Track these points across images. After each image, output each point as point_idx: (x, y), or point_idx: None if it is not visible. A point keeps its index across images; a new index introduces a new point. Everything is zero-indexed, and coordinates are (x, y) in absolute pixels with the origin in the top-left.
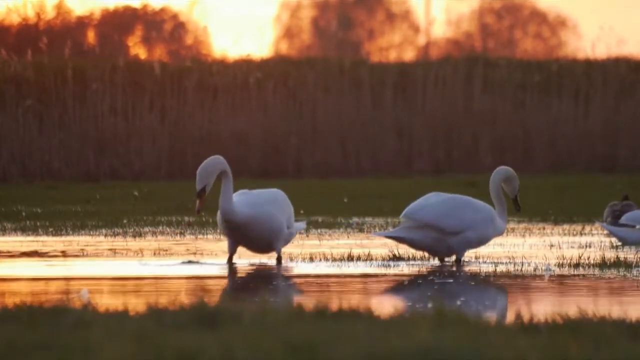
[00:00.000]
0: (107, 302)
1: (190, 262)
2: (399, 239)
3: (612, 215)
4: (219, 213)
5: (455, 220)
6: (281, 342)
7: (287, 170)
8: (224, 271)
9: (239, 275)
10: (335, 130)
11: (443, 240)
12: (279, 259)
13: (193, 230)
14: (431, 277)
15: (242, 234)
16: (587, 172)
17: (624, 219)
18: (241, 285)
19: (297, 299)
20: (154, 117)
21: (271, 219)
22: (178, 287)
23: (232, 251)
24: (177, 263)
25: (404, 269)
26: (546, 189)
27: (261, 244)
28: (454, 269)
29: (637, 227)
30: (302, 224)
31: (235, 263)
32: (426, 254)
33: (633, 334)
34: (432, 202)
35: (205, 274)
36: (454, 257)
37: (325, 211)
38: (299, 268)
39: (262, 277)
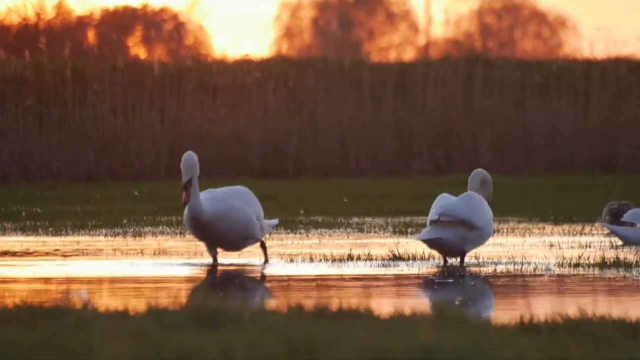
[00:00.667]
0: (99, 301)
1: (187, 263)
2: (434, 240)
3: (609, 214)
4: (185, 213)
5: (480, 216)
6: (281, 342)
7: (287, 170)
8: (198, 271)
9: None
10: (335, 130)
11: (464, 238)
12: (263, 245)
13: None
14: (431, 277)
15: (211, 232)
16: (587, 172)
17: (626, 217)
18: (230, 286)
19: (297, 299)
20: (153, 117)
21: (238, 211)
22: (155, 288)
23: (213, 254)
24: (170, 263)
25: (404, 269)
26: (546, 188)
27: (235, 239)
28: (454, 269)
29: (638, 225)
30: (274, 221)
31: (219, 264)
32: (429, 254)
33: (633, 334)
34: (456, 201)
35: (191, 274)
36: (458, 258)
37: (325, 211)
38: (291, 269)
39: (246, 278)
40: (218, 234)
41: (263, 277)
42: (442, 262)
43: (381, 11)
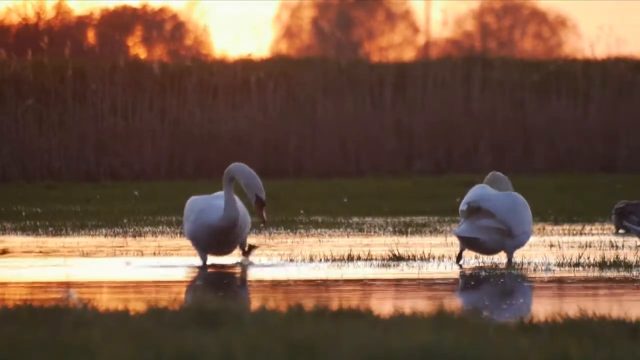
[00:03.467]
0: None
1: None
2: (474, 239)
3: (615, 212)
4: (214, 223)
5: (520, 224)
6: (281, 342)
7: (287, 170)
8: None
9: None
10: (335, 130)
11: (502, 240)
12: (250, 250)
13: None
14: (431, 277)
15: (227, 238)
16: (587, 172)
17: None
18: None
19: (296, 300)
20: (154, 117)
21: (247, 215)
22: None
23: (205, 258)
24: (161, 263)
25: (404, 268)
26: (546, 188)
27: (236, 243)
28: (454, 269)
29: None
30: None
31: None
32: (429, 254)
33: (633, 334)
34: (502, 197)
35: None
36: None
37: (325, 211)
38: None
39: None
40: (231, 239)
41: (262, 278)
42: (440, 262)
43: (381, 11)
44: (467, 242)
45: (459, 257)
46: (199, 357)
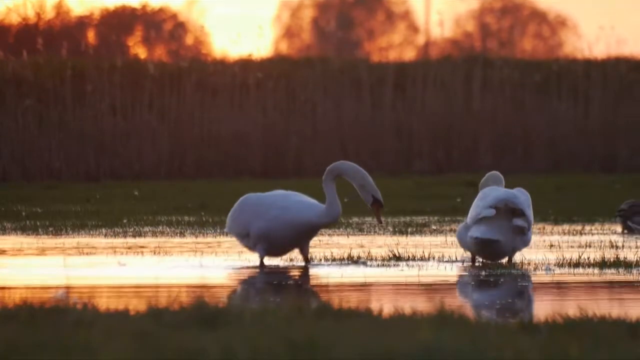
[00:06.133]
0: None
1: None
2: (493, 242)
3: (619, 213)
4: (317, 221)
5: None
6: (281, 342)
7: (287, 170)
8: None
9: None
10: (335, 130)
11: (514, 239)
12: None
13: (193, 230)
14: (431, 277)
15: (309, 237)
16: (587, 172)
17: None
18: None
19: (297, 299)
20: (153, 117)
21: None
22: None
23: (263, 257)
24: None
25: (404, 268)
26: (546, 188)
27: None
28: (454, 269)
29: None
30: None
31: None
32: (429, 254)
33: (633, 334)
34: (518, 193)
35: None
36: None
37: None
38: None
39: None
40: (311, 238)
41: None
42: (439, 262)
43: (381, 11)
44: (485, 246)
45: (473, 260)
46: (199, 357)
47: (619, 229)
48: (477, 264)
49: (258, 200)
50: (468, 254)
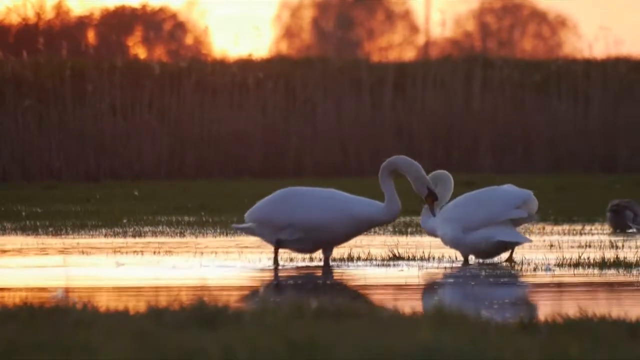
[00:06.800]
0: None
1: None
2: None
3: (610, 209)
4: (382, 218)
5: None
6: (281, 342)
7: (287, 170)
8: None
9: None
10: (335, 130)
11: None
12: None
13: (193, 230)
14: (431, 278)
15: (358, 234)
16: (587, 172)
17: None
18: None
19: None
20: (153, 117)
21: None
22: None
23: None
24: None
25: (404, 268)
26: (546, 189)
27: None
28: (454, 269)
29: None
30: None
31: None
32: (429, 254)
33: (633, 334)
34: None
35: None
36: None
37: None
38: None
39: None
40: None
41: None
42: (439, 262)
43: (381, 11)
44: (505, 248)
45: (466, 260)
46: (199, 357)
47: (610, 229)
48: (477, 264)
49: (306, 192)
50: (459, 255)
